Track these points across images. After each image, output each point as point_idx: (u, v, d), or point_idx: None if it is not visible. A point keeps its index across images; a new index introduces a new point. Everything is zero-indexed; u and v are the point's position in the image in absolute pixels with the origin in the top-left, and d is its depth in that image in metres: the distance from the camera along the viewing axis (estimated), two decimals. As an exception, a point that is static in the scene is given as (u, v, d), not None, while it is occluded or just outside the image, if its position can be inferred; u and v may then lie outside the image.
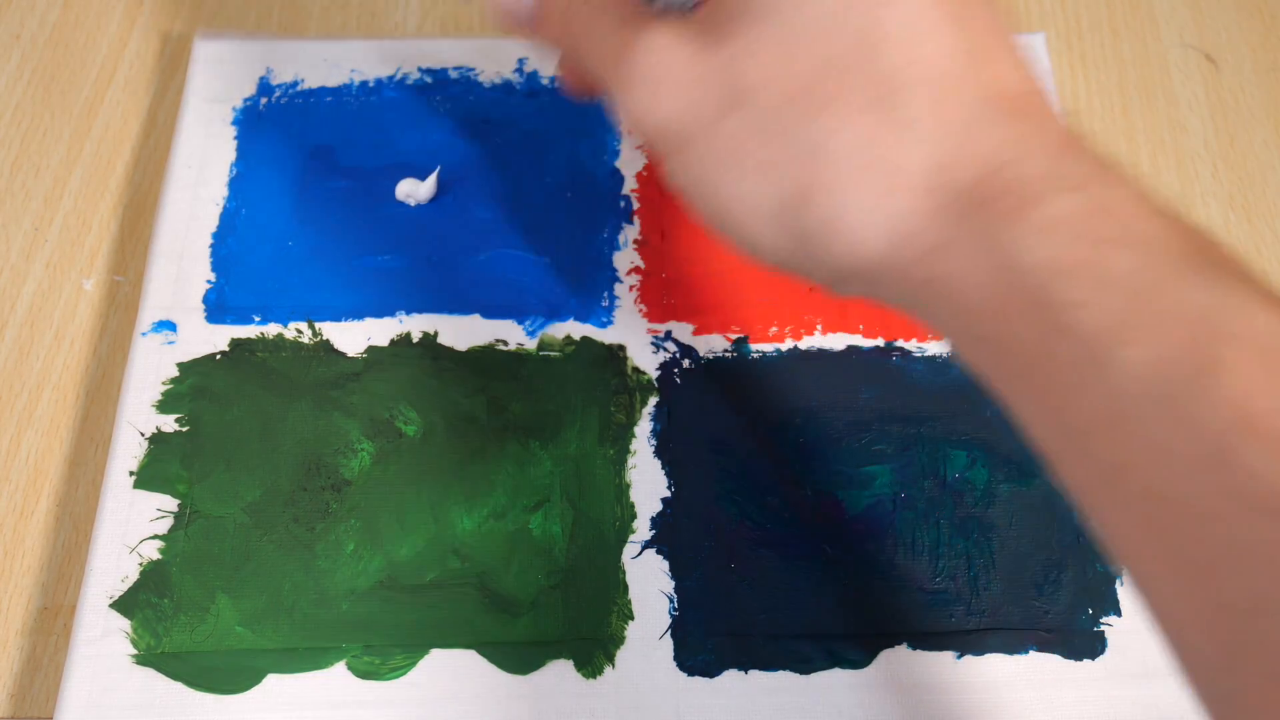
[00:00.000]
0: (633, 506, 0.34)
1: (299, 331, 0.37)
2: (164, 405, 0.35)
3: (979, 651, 0.32)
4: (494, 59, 0.43)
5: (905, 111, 0.22)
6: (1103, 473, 0.20)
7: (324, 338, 0.37)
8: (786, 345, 0.37)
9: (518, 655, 0.32)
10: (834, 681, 0.32)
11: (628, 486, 0.34)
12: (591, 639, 0.32)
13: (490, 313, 0.37)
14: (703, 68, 0.24)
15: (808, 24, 0.23)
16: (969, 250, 0.22)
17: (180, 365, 0.36)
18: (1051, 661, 0.32)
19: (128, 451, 0.34)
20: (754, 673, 0.32)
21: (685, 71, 0.24)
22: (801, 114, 0.23)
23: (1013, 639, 0.32)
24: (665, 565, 0.33)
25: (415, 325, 0.37)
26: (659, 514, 0.34)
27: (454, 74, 0.43)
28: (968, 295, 0.22)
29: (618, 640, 0.32)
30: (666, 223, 0.39)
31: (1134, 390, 0.19)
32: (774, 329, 0.37)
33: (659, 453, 0.35)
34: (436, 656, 0.32)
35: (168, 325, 0.37)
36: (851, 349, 0.37)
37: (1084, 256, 0.20)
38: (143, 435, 0.35)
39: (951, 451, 0.35)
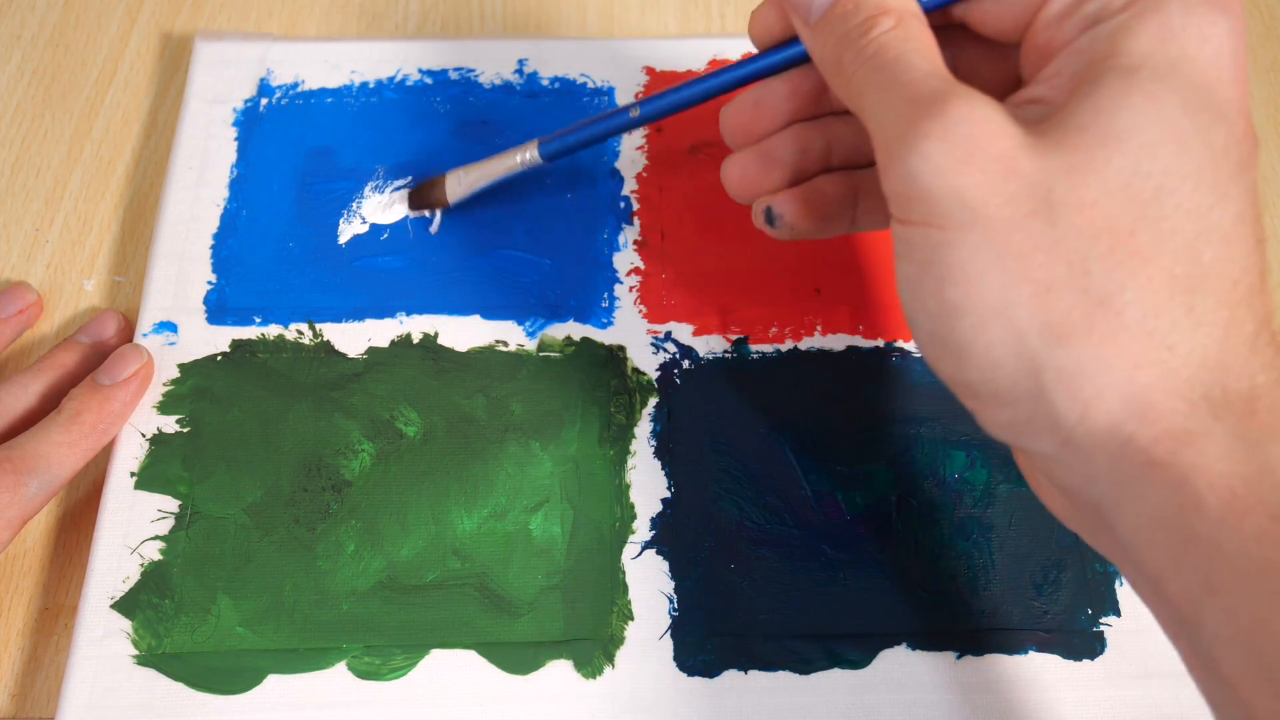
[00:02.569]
0: (633, 507, 0.34)
1: (299, 333, 0.37)
2: (165, 406, 0.35)
3: (979, 651, 0.32)
4: (494, 59, 0.43)
5: (1202, 302, 0.22)
6: None
7: (324, 339, 0.37)
8: (786, 346, 0.37)
9: (518, 655, 0.32)
10: (834, 681, 0.32)
11: (628, 487, 0.35)
12: (591, 639, 0.32)
13: (490, 313, 0.37)
14: (1029, 160, 0.23)
15: (1154, 176, 0.22)
16: (1223, 448, 0.22)
17: (181, 366, 0.36)
18: (1051, 661, 0.32)
19: (129, 452, 0.34)
20: (754, 673, 0.32)
21: (1009, 153, 0.23)
22: (1106, 255, 0.22)
23: (1012, 639, 0.32)
24: (665, 565, 0.33)
25: (415, 326, 0.37)
26: (659, 514, 0.34)
27: (454, 74, 0.43)
28: (1203, 490, 0.21)
29: (618, 640, 0.32)
30: (666, 224, 0.40)
31: None
32: (774, 329, 0.37)
33: (659, 453, 0.35)
34: (436, 656, 0.32)
35: (169, 326, 0.37)
36: (851, 349, 0.37)
37: None
38: (144, 436, 0.35)
39: (951, 451, 0.35)
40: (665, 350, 0.37)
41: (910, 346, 0.37)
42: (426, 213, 0.39)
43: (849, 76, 0.26)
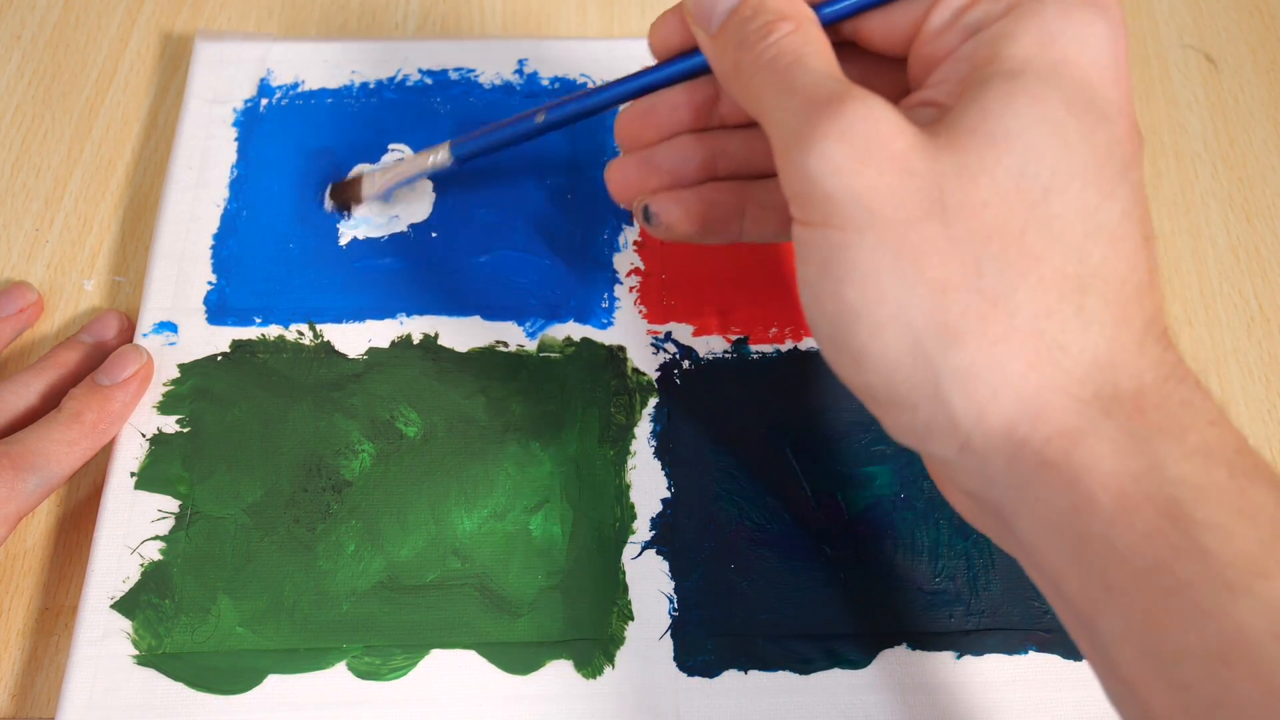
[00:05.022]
0: (633, 507, 0.34)
1: (300, 333, 0.37)
2: (165, 406, 0.35)
3: (978, 651, 0.32)
4: (494, 59, 0.43)
5: (1091, 301, 0.23)
6: (1196, 705, 0.20)
7: (325, 339, 0.37)
8: (786, 345, 0.37)
9: (518, 655, 0.32)
10: (834, 681, 0.32)
11: (628, 487, 0.35)
12: (591, 639, 0.32)
13: (490, 314, 0.37)
14: (923, 160, 0.23)
15: (1042, 176, 0.23)
16: (1113, 446, 0.22)
17: (181, 366, 0.36)
18: (1051, 661, 0.32)
19: (129, 452, 0.34)
20: (754, 673, 0.32)
21: (904, 154, 0.23)
22: (999, 255, 0.22)
23: (1012, 639, 0.32)
24: (665, 565, 0.33)
25: (416, 327, 0.37)
26: (659, 514, 0.34)
27: (454, 75, 0.43)
28: (1095, 489, 0.22)
29: (618, 640, 0.32)
30: (666, 223, 0.39)
31: (1261, 626, 0.20)
32: (774, 329, 0.37)
33: (659, 453, 0.35)
34: (436, 656, 0.32)
35: (169, 326, 0.37)
36: (851, 349, 0.37)
37: (1231, 486, 0.21)
38: (144, 436, 0.35)
39: (951, 452, 0.35)
40: (665, 350, 0.37)
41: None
42: (345, 212, 0.39)
43: (747, 80, 0.26)
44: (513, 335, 0.37)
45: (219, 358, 0.36)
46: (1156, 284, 0.24)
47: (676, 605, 0.33)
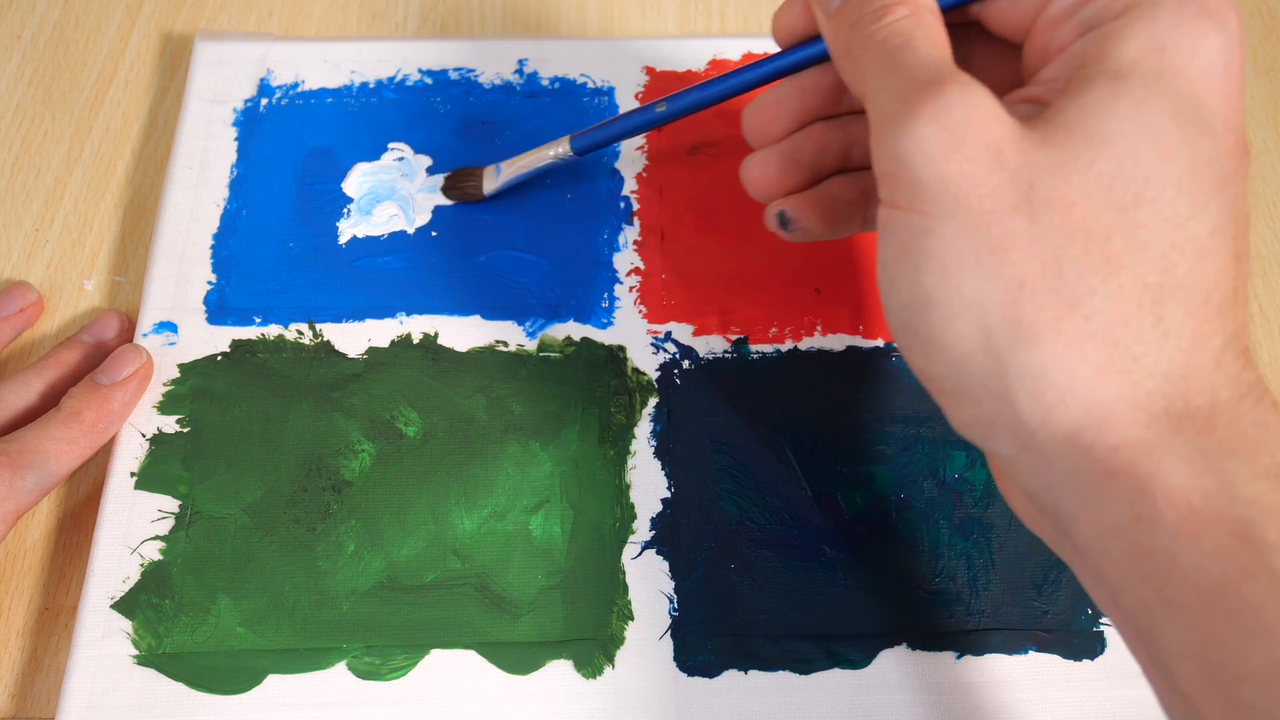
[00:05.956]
0: (633, 507, 0.34)
1: (300, 333, 0.37)
2: (165, 406, 0.35)
3: (979, 651, 0.32)
4: (494, 59, 0.43)
5: (1171, 313, 0.22)
6: None
7: (324, 339, 0.37)
8: (786, 346, 0.37)
9: (518, 655, 0.32)
10: (834, 681, 0.32)
11: (628, 487, 0.35)
12: (591, 639, 0.32)
13: (490, 314, 0.37)
14: (1016, 153, 0.23)
15: (1135, 182, 0.22)
16: (1183, 462, 0.21)
17: (181, 366, 0.36)
18: (1051, 661, 0.32)
19: (129, 452, 0.34)
20: (754, 673, 0.32)
21: (998, 144, 0.23)
22: (1081, 257, 0.22)
23: (1012, 639, 0.32)
24: (665, 565, 0.33)
25: (415, 326, 0.37)
26: (659, 514, 0.34)
27: (454, 75, 0.43)
28: (1160, 502, 0.21)
29: (618, 640, 0.32)
30: (666, 224, 0.40)
31: None
32: (774, 329, 0.37)
33: (659, 453, 0.35)
34: (436, 656, 0.32)
35: (169, 326, 0.37)
36: (851, 349, 0.37)
37: None
38: (144, 436, 0.35)
39: (951, 452, 0.35)
40: (665, 350, 0.37)
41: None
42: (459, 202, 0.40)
43: (856, 59, 0.26)
44: (513, 335, 0.37)
45: (219, 358, 0.36)
46: (1242, 301, 0.23)
47: (676, 605, 0.33)
